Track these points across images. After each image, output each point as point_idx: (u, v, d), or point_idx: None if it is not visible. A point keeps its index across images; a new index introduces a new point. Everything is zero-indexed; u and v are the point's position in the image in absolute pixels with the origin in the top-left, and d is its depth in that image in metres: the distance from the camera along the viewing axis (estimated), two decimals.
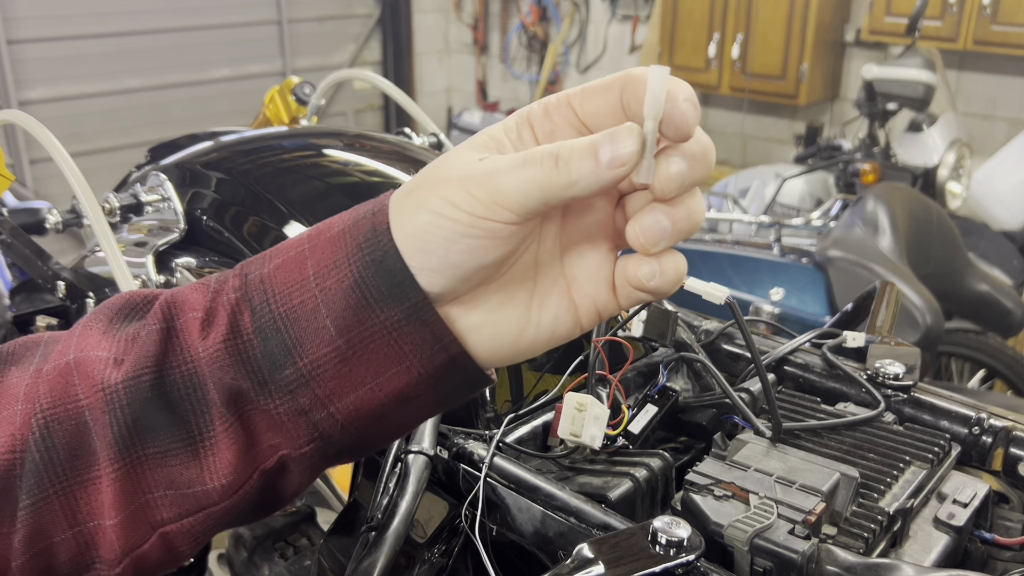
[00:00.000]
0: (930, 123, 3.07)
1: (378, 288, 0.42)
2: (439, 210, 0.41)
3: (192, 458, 0.46)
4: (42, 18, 4.28)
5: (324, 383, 0.44)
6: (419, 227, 0.41)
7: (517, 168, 0.40)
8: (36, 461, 0.45)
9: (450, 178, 0.41)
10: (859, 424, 0.75)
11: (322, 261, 0.44)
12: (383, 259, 0.42)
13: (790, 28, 4.00)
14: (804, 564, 0.58)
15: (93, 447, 0.45)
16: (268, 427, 0.45)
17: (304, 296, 0.43)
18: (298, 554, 1.12)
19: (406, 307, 0.42)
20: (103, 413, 0.45)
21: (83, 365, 0.46)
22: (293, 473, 0.47)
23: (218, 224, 1.01)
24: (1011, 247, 2.92)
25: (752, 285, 2.56)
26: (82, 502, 0.46)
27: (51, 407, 0.45)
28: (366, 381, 0.44)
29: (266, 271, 0.45)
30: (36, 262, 1.18)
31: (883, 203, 2.45)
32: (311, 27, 5.32)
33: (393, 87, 1.44)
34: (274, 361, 0.44)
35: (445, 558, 0.72)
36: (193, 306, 0.46)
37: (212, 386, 0.45)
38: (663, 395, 0.85)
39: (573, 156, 0.39)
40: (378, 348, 0.43)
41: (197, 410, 0.45)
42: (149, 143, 1.32)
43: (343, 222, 0.44)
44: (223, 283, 0.46)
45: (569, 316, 0.46)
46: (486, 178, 0.40)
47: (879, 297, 1.03)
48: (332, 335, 0.43)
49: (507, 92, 5.83)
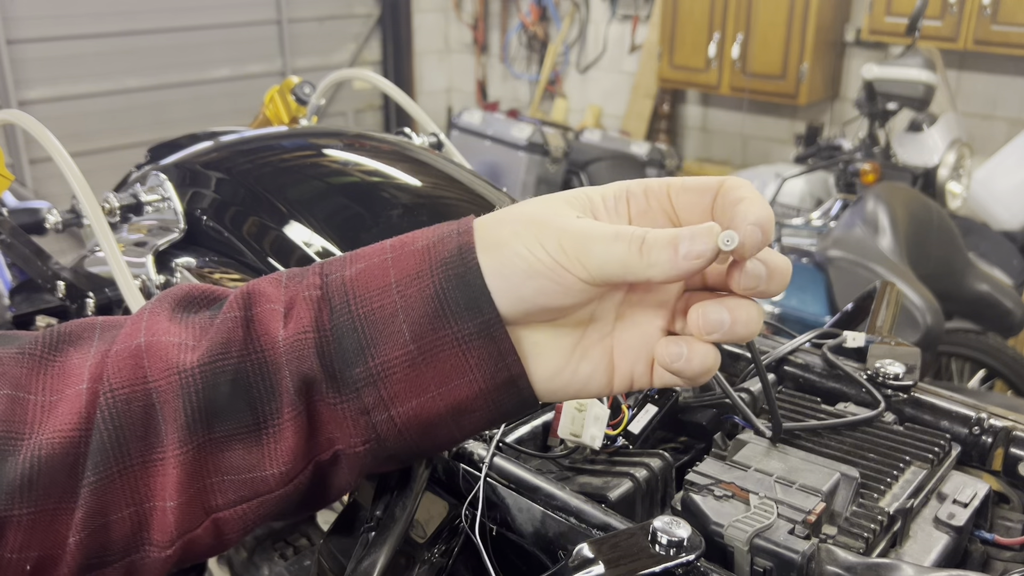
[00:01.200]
0: (930, 123, 3.07)
1: (456, 301, 0.46)
2: (529, 247, 0.45)
3: (255, 443, 0.48)
4: (42, 18, 4.27)
5: (391, 385, 0.47)
6: (506, 255, 0.45)
7: (608, 240, 0.44)
8: (103, 441, 0.46)
9: (548, 224, 0.45)
10: (859, 424, 0.75)
11: (405, 271, 0.47)
12: (465, 274, 0.46)
13: (790, 28, 4.00)
14: (804, 564, 0.58)
15: (160, 429, 0.47)
16: (329, 420, 0.48)
17: (384, 301, 0.47)
18: (298, 554, 1.12)
19: (479, 322, 0.46)
20: (176, 396, 0.46)
21: (154, 348, 0.47)
22: (344, 470, 0.50)
23: (218, 224, 1.01)
24: (1011, 247, 2.92)
25: None
26: (142, 483, 0.47)
27: (120, 387, 0.47)
28: (430, 389, 0.47)
29: (348, 274, 0.48)
30: (36, 262, 1.18)
31: (883, 203, 2.45)
32: (311, 27, 5.32)
33: (393, 87, 1.44)
34: (347, 359, 0.46)
35: (445, 558, 0.72)
36: (271, 298, 0.48)
37: (288, 373, 0.47)
38: (663, 395, 0.85)
39: (656, 244, 0.43)
40: (447, 358, 0.46)
41: (266, 397, 0.47)
42: (149, 143, 1.32)
43: (427, 238, 0.48)
44: (298, 279, 0.49)
45: (604, 376, 0.49)
46: (580, 237, 0.44)
47: (879, 297, 1.03)
48: (406, 339, 0.46)
49: (507, 92, 5.83)
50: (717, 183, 0.46)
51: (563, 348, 0.48)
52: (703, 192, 0.46)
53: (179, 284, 0.52)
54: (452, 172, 1.07)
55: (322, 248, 0.92)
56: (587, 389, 0.49)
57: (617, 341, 0.49)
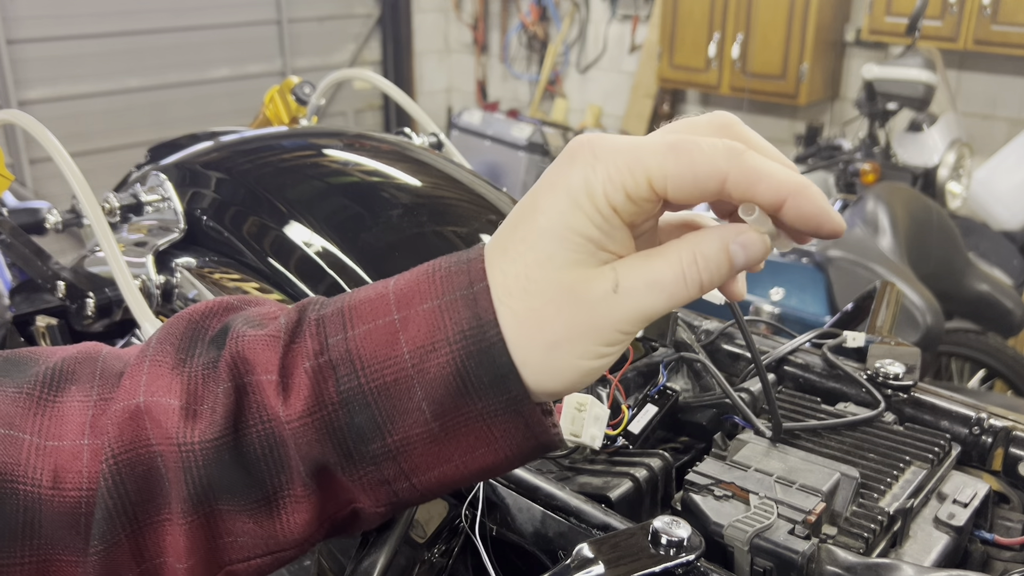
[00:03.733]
0: (930, 123, 3.07)
1: (480, 378, 0.42)
2: (601, 354, 0.42)
3: (267, 516, 0.46)
4: (42, 18, 4.27)
5: (411, 459, 0.44)
6: (580, 374, 0.42)
7: (667, 300, 0.41)
8: (108, 508, 0.45)
9: (601, 325, 0.41)
10: (859, 424, 0.75)
11: (418, 339, 0.42)
12: (489, 350, 0.42)
13: (790, 28, 3.99)
14: (804, 564, 0.58)
15: (165, 490, 0.46)
16: (347, 488, 0.46)
17: (398, 374, 0.43)
18: None
19: (505, 399, 0.42)
20: (177, 468, 0.45)
21: (154, 411, 0.45)
22: (363, 521, 0.49)
23: (218, 224, 1.01)
24: (1011, 247, 2.92)
25: (752, 285, 2.56)
26: (150, 541, 0.46)
27: (123, 451, 0.45)
28: (452, 459, 0.44)
29: (351, 337, 0.44)
30: (36, 262, 1.18)
31: (883, 203, 2.45)
32: (311, 27, 5.32)
33: (393, 87, 1.44)
34: (362, 435, 0.44)
35: (445, 558, 0.72)
36: (266, 367, 0.45)
37: (296, 455, 0.44)
38: (663, 395, 0.85)
39: (715, 279, 0.41)
40: (470, 432, 0.43)
41: (274, 471, 0.45)
42: (149, 143, 1.32)
43: (435, 294, 0.43)
44: (295, 339, 0.45)
45: None
46: (640, 318, 0.41)
47: (879, 297, 1.03)
48: (427, 417, 0.43)
49: (507, 92, 5.83)
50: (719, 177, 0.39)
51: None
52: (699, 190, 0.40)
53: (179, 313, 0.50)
54: (452, 172, 1.07)
55: (322, 248, 0.92)
56: None
57: None
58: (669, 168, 0.39)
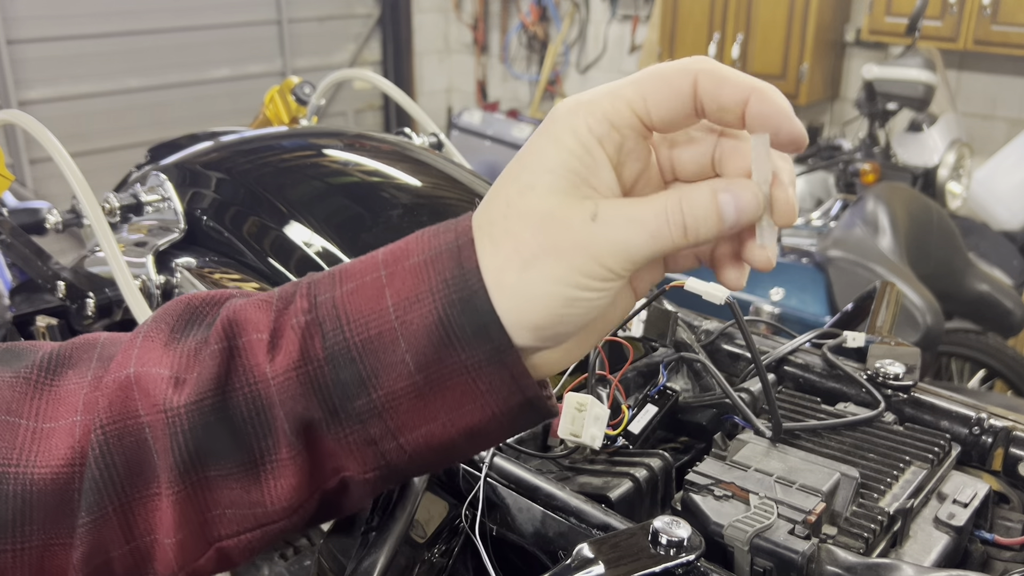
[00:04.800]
0: (930, 123, 3.07)
1: (463, 328, 0.42)
2: (581, 285, 0.41)
3: (253, 482, 0.46)
4: (42, 18, 4.27)
5: (397, 416, 0.44)
6: (558, 302, 0.41)
7: (648, 242, 0.41)
8: (96, 479, 0.45)
9: (577, 247, 0.41)
10: (859, 424, 0.75)
11: (402, 292, 0.43)
12: (471, 299, 0.42)
13: (790, 28, 4.00)
14: (804, 564, 0.58)
15: (153, 464, 0.45)
16: (334, 452, 0.45)
17: (383, 327, 0.43)
18: (298, 554, 1.12)
19: (489, 348, 0.42)
20: (164, 436, 0.45)
21: (143, 381, 0.46)
22: (353, 494, 0.48)
23: (218, 224, 1.01)
24: (1011, 247, 2.92)
25: (752, 285, 2.56)
26: (139, 517, 0.46)
27: (111, 422, 0.45)
28: (439, 416, 0.44)
29: (339, 294, 0.44)
30: (36, 262, 1.18)
31: (883, 203, 2.45)
32: (311, 27, 5.32)
33: (393, 87, 1.44)
34: (347, 391, 0.44)
35: (445, 558, 0.72)
36: (257, 326, 0.45)
37: (281, 413, 0.44)
38: (663, 395, 0.85)
39: (701, 225, 0.41)
40: (455, 386, 0.43)
41: (260, 433, 0.45)
42: (149, 143, 1.32)
43: (422, 251, 0.44)
44: (287, 302, 0.46)
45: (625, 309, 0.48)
46: (621, 253, 0.41)
47: (879, 297, 1.03)
48: (411, 370, 0.43)
49: (507, 92, 5.83)
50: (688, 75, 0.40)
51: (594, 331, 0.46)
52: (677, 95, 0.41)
53: (180, 296, 0.50)
54: (452, 172, 1.07)
55: (322, 248, 0.92)
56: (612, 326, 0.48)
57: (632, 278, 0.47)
58: (645, 87, 0.41)
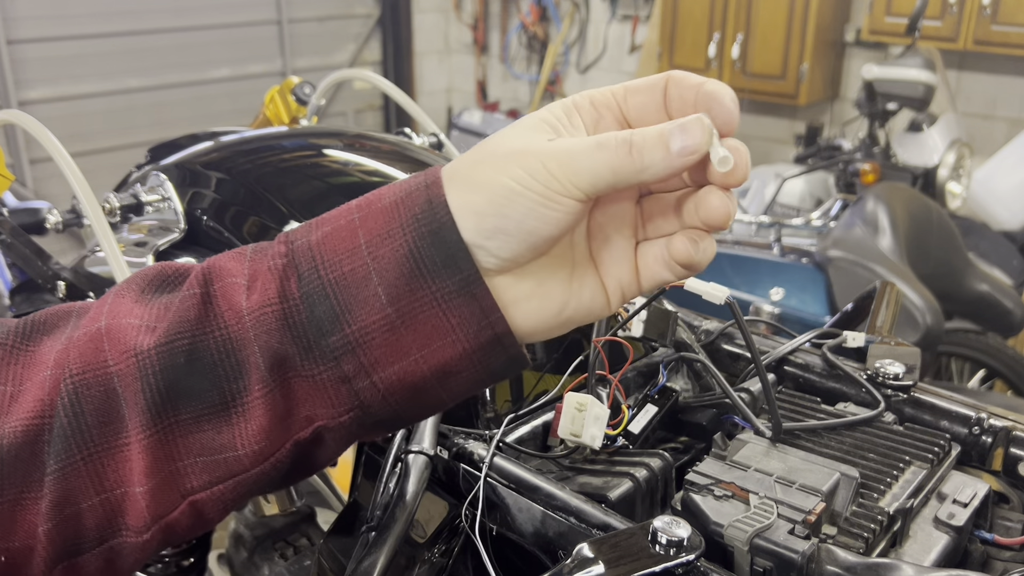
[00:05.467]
0: (930, 123, 3.07)
1: (432, 259, 0.44)
2: (519, 180, 0.43)
3: (224, 423, 0.46)
4: (42, 18, 4.27)
5: (371, 351, 0.45)
6: (500, 193, 0.43)
7: (593, 151, 0.43)
8: (64, 427, 0.45)
9: (527, 151, 0.44)
10: (859, 424, 0.76)
11: (374, 230, 0.45)
12: (439, 230, 0.44)
13: (790, 28, 3.99)
14: (804, 564, 0.58)
15: (122, 414, 0.46)
16: (308, 395, 0.46)
17: (355, 264, 0.44)
18: (298, 554, 1.13)
19: (458, 279, 0.44)
20: (135, 379, 0.45)
21: (114, 332, 0.46)
22: (328, 443, 0.48)
23: (218, 224, 1.01)
24: (1011, 247, 2.92)
25: (752, 285, 2.56)
26: (109, 469, 0.46)
27: (80, 373, 0.45)
28: (411, 352, 0.45)
29: (314, 238, 0.46)
30: (36, 262, 1.18)
31: (883, 203, 2.45)
32: (311, 27, 5.32)
33: (393, 87, 1.44)
34: (321, 327, 0.45)
35: (445, 558, 0.72)
36: (232, 272, 0.47)
37: (256, 349, 0.45)
38: (663, 395, 0.85)
39: (646, 144, 0.43)
40: (427, 319, 0.44)
41: (232, 374, 0.45)
42: (149, 143, 1.32)
43: (394, 193, 0.46)
44: (263, 251, 0.47)
45: (602, 296, 0.49)
46: (564, 157, 0.43)
47: (879, 297, 1.03)
48: (383, 303, 0.44)
49: (507, 92, 5.83)
50: (663, 78, 0.46)
51: (564, 280, 0.48)
52: (652, 90, 0.46)
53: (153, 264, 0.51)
54: None
55: None
56: (592, 312, 0.49)
57: (599, 259, 0.49)
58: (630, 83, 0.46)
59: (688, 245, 0.46)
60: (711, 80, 0.44)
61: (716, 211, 0.45)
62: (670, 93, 0.45)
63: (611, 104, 0.46)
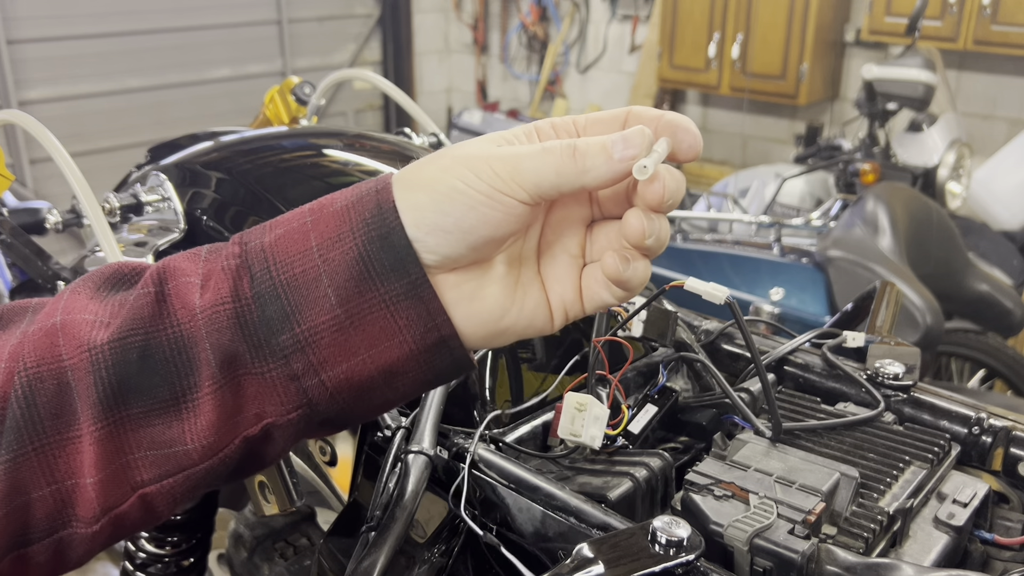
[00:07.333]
0: (930, 123, 3.07)
1: (381, 262, 0.45)
2: (463, 179, 0.45)
3: (175, 418, 0.47)
4: (42, 18, 4.27)
5: (319, 350, 0.46)
6: (442, 191, 0.45)
7: (537, 154, 0.45)
8: (16, 418, 0.46)
9: (474, 155, 0.45)
10: (859, 424, 0.76)
11: (326, 233, 0.46)
12: (388, 235, 0.45)
13: (790, 28, 4.00)
14: (804, 564, 0.58)
15: (74, 407, 0.46)
16: (257, 393, 0.47)
17: (306, 266, 0.46)
18: (298, 554, 1.13)
19: (406, 282, 0.45)
20: (87, 373, 0.46)
21: (69, 327, 0.47)
22: (276, 440, 0.49)
23: (218, 224, 1.01)
24: (1011, 247, 2.92)
25: (752, 285, 2.56)
26: (60, 460, 0.47)
27: (35, 366, 0.46)
28: (359, 352, 0.46)
29: (267, 240, 0.47)
30: (36, 262, 1.18)
31: (883, 203, 2.45)
32: (311, 27, 5.32)
33: (393, 87, 1.44)
34: (271, 326, 0.46)
35: (445, 558, 0.72)
36: (186, 272, 0.48)
37: (208, 347, 0.46)
38: (663, 395, 0.85)
39: (589, 150, 0.45)
40: (375, 320, 0.46)
41: (183, 371, 0.46)
42: (149, 143, 1.32)
43: (346, 198, 0.47)
44: (217, 251, 0.48)
45: (545, 311, 0.50)
46: (509, 158, 0.45)
47: (879, 297, 1.03)
48: (332, 304, 0.45)
49: (507, 92, 5.83)
50: (625, 111, 0.47)
51: (507, 287, 0.49)
52: (613, 122, 0.47)
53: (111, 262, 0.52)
54: None
55: None
56: (534, 325, 0.50)
57: (545, 276, 0.50)
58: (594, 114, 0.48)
59: (618, 262, 0.47)
60: (669, 112, 0.47)
61: (632, 229, 0.46)
62: (630, 125, 0.47)
63: (571, 131, 0.48)
